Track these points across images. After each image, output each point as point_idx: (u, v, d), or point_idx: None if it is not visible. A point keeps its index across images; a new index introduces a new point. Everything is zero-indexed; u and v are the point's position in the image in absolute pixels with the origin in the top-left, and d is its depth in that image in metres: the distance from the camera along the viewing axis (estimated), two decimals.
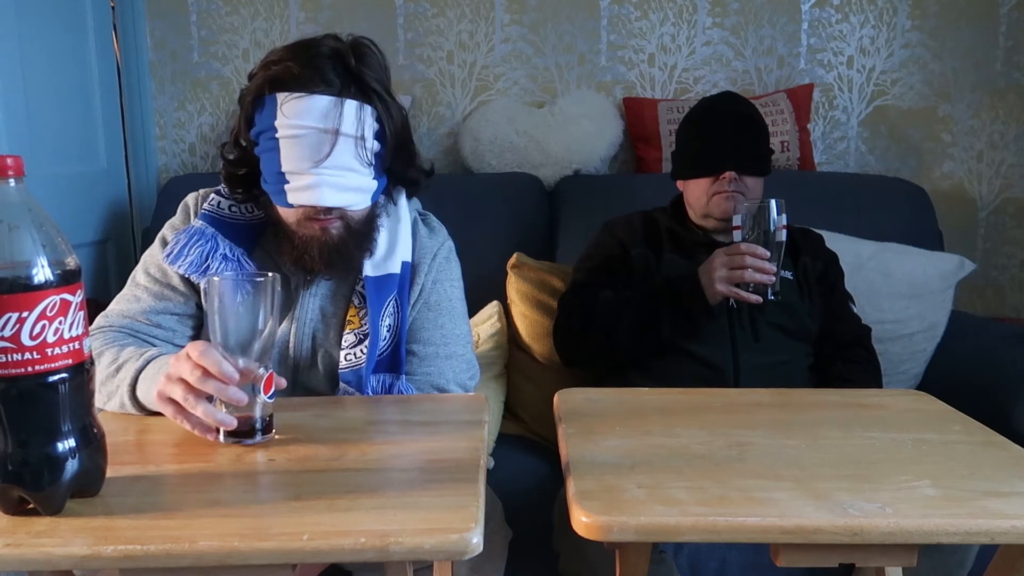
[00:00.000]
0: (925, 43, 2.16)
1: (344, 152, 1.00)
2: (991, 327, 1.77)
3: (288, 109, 0.99)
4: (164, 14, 2.20)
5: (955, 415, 0.95)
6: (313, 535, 0.62)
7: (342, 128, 1.00)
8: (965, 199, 2.22)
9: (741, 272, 1.27)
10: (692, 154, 1.49)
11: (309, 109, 0.99)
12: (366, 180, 1.04)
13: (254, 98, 1.03)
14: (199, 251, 1.09)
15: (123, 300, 1.11)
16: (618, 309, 1.42)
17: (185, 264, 1.08)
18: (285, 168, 1.01)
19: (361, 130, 1.01)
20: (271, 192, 1.05)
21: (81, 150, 2.02)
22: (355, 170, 1.02)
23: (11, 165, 0.63)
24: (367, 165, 1.04)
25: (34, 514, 0.66)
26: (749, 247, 1.27)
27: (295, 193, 1.02)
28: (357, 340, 1.09)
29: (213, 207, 1.14)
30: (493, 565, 1.11)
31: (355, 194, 1.04)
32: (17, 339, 0.63)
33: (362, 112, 1.01)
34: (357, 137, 1.01)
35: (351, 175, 1.02)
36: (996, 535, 0.66)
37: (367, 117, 1.02)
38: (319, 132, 0.99)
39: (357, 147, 1.01)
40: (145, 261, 1.14)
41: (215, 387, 0.81)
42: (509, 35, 2.19)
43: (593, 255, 1.55)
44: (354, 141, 1.01)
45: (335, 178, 1.01)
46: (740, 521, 0.66)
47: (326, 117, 0.99)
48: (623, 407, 0.97)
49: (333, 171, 1.00)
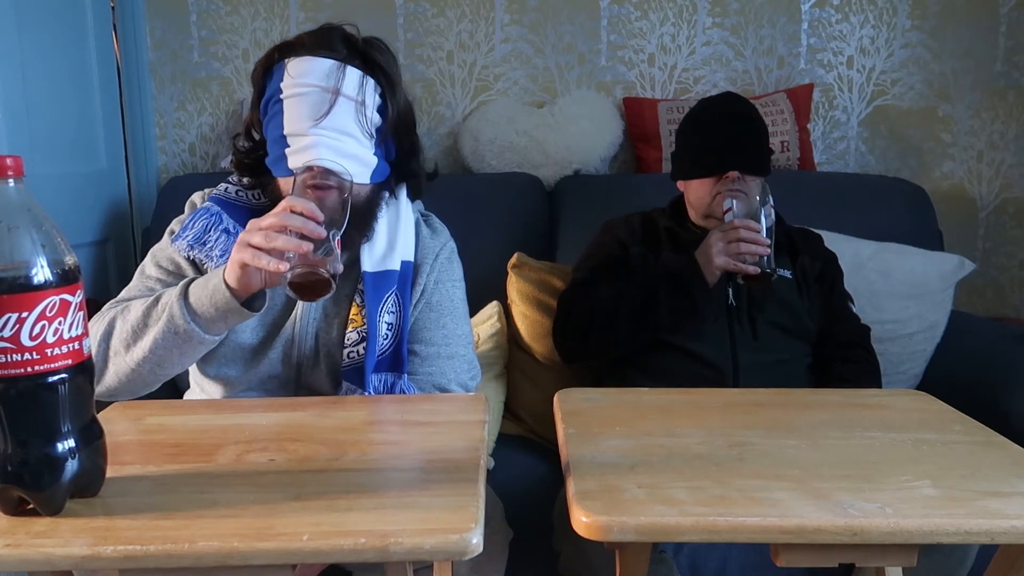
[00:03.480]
0: (925, 43, 2.16)
1: (344, 114, 1.02)
2: (991, 327, 1.77)
3: (293, 68, 1.03)
4: (164, 14, 2.20)
5: (955, 415, 0.95)
6: (313, 535, 0.62)
7: (343, 89, 1.02)
8: (965, 199, 2.22)
9: (737, 245, 1.30)
10: (694, 154, 1.49)
11: (312, 69, 1.02)
12: (365, 152, 1.05)
13: (264, 69, 1.07)
14: (201, 225, 1.10)
15: (132, 289, 1.12)
16: (616, 300, 1.42)
17: (186, 239, 1.09)
18: (286, 130, 1.02)
19: (362, 96, 1.04)
20: (273, 163, 1.06)
21: (81, 150, 2.02)
22: (354, 136, 1.03)
23: (11, 165, 0.63)
24: (367, 136, 1.05)
25: (34, 514, 0.66)
26: (743, 222, 1.32)
27: (294, 156, 1.02)
28: (360, 338, 1.09)
29: (221, 191, 1.15)
30: (493, 565, 1.11)
31: (353, 162, 1.03)
32: (17, 339, 0.63)
33: (365, 81, 1.04)
34: (358, 101, 1.03)
35: (350, 140, 1.03)
36: (996, 535, 0.66)
37: (369, 87, 1.05)
38: (320, 91, 1.01)
39: (357, 112, 1.03)
40: (155, 254, 1.14)
41: (300, 221, 0.89)
42: (509, 35, 2.19)
43: (593, 254, 1.55)
44: (355, 105, 1.03)
45: (334, 141, 1.02)
46: (740, 521, 0.66)
47: (328, 77, 1.02)
48: (623, 407, 0.97)
49: (332, 132, 1.02)
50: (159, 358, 1.00)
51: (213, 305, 0.96)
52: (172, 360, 1.01)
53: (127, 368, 1.01)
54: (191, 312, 0.97)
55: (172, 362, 1.01)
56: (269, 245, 0.89)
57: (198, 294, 0.97)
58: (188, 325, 0.97)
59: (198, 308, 0.97)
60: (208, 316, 0.97)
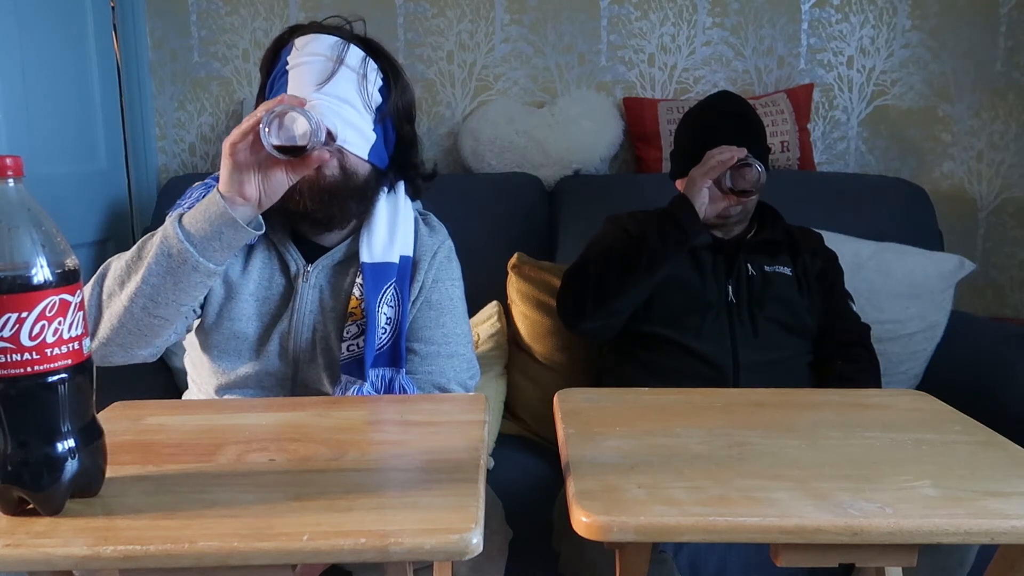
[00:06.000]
0: (925, 43, 2.16)
1: (346, 82, 1.04)
2: (991, 327, 1.77)
3: (299, 43, 1.07)
4: (164, 14, 2.20)
5: (955, 415, 0.95)
6: (313, 535, 0.62)
7: (346, 60, 1.05)
8: (965, 199, 2.22)
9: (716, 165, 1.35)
10: (692, 154, 1.48)
11: (317, 40, 1.06)
12: (364, 123, 1.06)
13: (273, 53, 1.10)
14: (199, 194, 1.09)
15: None
16: (610, 246, 1.43)
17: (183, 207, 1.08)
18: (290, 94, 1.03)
19: (364, 70, 1.06)
20: None
21: (81, 150, 2.02)
22: (354, 106, 1.05)
23: (10, 165, 0.63)
24: (367, 109, 1.06)
25: (34, 514, 0.66)
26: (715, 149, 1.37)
27: None
28: (359, 331, 1.09)
29: None
30: (493, 565, 1.11)
31: (352, 131, 1.04)
32: (16, 339, 0.63)
33: (367, 60, 1.07)
34: (360, 74, 1.06)
35: (350, 109, 1.04)
36: (996, 535, 0.66)
37: (371, 66, 1.08)
38: (324, 59, 1.04)
39: (360, 84, 1.05)
40: None
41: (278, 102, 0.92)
42: (509, 35, 2.19)
43: (599, 241, 1.55)
44: (357, 77, 1.05)
45: (334, 106, 1.03)
46: (740, 521, 0.66)
47: (332, 48, 1.05)
48: (623, 407, 0.97)
49: (333, 99, 1.03)
50: (153, 289, 0.96)
51: (207, 220, 0.94)
52: (166, 293, 0.96)
53: (120, 308, 0.97)
54: (185, 231, 0.95)
55: (167, 297, 0.96)
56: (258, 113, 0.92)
57: (193, 213, 0.96)
58: (182, 244, 0.94)
59: (192, 226, 0.95)
60: (203, 233, 0.94)
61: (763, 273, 1.46)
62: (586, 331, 1.51)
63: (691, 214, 1.37)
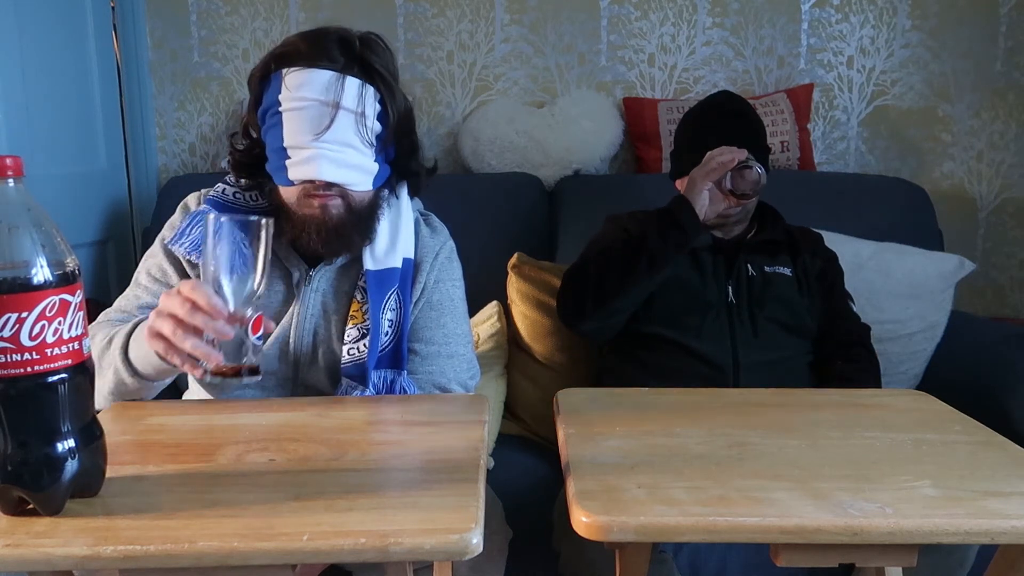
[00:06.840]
0: (925, 43, 2.16)
1: (344, 127, 1.02)
2: (991, 327, 1.77)
3: (291, 81, 1.02)
4: (164, 14, 2.20)
5: (955, 415, 0.95)
6: (313, 535, 0.62)
7: (343, 102, 1.01)
8: (965, 199, 2.22)
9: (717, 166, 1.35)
10: (692, 154, 1.49)
11: (311, 81, 1.01)
12: (366, 160, 1.05)
13: (261, 77, 1.06)
14: (200, 231, 1.09)
15: (124, 298, 1.14)
16: (610, 246, 1.43)
17: (186, 243, 1.10)
18: (286, 143, 1.02)
19: (362, 107, 1.03)
20: (273, 171, 1.06)
21: (81, 150, 2.02)
22: (355, 147, 1.03)
23: (10, 165, 0.63)
24: (368, 145, 1.05)
25: (34, 514, 0.66)
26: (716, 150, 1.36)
27: (295, 168, 1.02)
28: (360, 335, 1.09)
29: (218, 193, 1.15)
30: (493, 565, 1.11)
31: (355, 172, 1.04)
32: (16, 339, 0.63)
33: (364, 91, 1.04)
34: (358, 113, 1.03)
35: (351, 152, 1.03)
36: (996, 535, 0.66)
37: (369, 96, 1.04)
38: (320, 104, 1.01)
39: (358, 123, 1.03)
40: (146, 262, 1.15)
41: (203, 320, 0.83)
42: (509, 35, 2.19)
43: (599, 241, 1.55)
44: (355, 117, 1.02)
45: (334, 153, 1.02)
46: (740, 521, 0.66)
47: (327, 90, 1.01)
48: (623, 407, 0.97)
49: (332, 145, 1.01)
50: (122, 395, 1.02)
51: (151, 366, 0.97)
52: (138, 397, 1.02)
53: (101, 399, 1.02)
54: (133, 369, 0.99)
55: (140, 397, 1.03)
56: (180, 345, 0.85)
57: (136, 352, 0.98)
58: (133, 379, 0.99)
59: (139, 368, 0.98)
60: (149, 374, 0.98)
61: (763, 273, 1.46)
62: (586, 331, 1.51)
63: (691, 215, 1.37)
